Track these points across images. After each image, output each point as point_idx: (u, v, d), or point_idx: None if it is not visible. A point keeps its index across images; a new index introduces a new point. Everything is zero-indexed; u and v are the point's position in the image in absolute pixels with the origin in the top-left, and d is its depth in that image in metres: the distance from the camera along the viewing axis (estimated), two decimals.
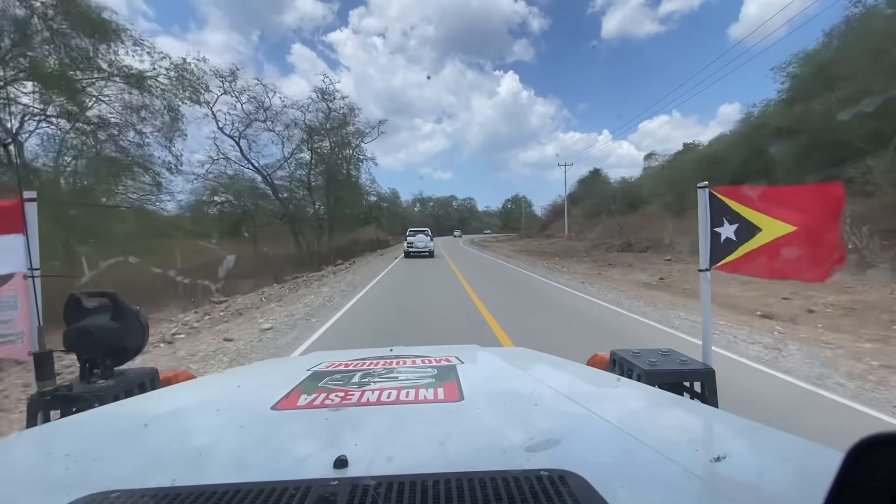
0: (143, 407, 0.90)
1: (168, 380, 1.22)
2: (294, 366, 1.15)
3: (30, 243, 1.22)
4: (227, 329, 6.74)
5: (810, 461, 0.58)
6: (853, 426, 2.95)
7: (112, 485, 0.51)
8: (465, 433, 0.67)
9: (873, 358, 4.32)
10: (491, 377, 1.11)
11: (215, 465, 0.60)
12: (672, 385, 1.11)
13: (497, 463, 0.54)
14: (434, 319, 6.83)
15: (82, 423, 0.82)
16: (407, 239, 22.75)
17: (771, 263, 1.29)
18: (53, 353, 1.11)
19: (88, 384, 1.07)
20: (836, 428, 2.89)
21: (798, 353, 4.64)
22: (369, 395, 0.81)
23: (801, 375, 3.93)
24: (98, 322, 1.09)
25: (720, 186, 1.39)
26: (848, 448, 0.26)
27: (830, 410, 3.25)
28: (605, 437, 0.65)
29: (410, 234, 22.98)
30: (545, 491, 0.46)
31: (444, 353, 1.20)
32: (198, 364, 4.84)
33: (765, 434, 0.67)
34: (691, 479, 0.51)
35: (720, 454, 0.56)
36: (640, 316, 6.84)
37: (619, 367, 1.24)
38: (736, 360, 4.43)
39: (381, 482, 0.48)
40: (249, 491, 0.48)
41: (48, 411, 1.03)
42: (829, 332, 5.47)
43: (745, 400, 3.27)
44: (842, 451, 0.26)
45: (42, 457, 0.69)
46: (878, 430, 0.25)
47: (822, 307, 6.76)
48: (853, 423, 2.99)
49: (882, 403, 3.31)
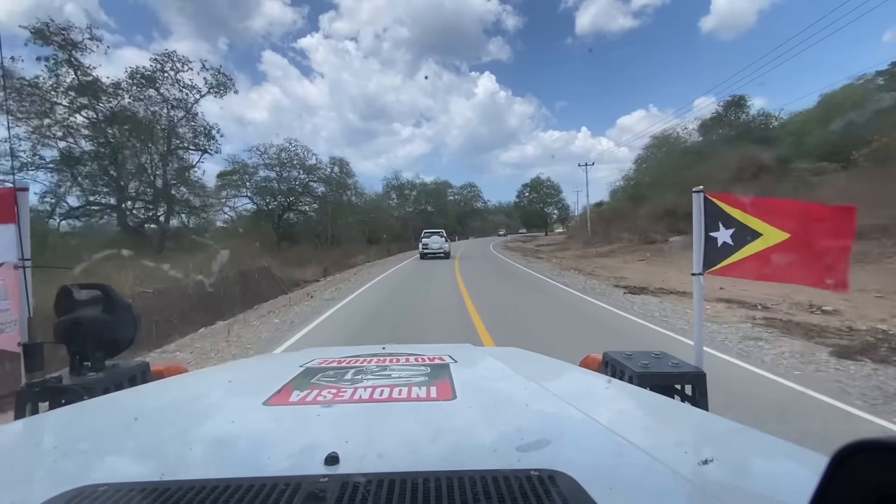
0: (133, 400, 0.90)
1: (159, 373, 1.21)
2: (286, 362, 1.15)
3: (21, 233, 1.21)
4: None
5: (796, 464, 0.59)
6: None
7: (100, 478, 0.51)
8: (456, 432, 0.67)
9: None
10: (483, 377, 1.11)
11: (205, 460, 0.59)
12: (663, 387, 1.12)
13: (488, 462, 0.54)
14: None
15: (71, 416, 0.81)
16: (422, 241, 23.04)
17: (765, 268, 1.30)
18: (44, 345, 1.10)
19: (78, 376, 1.06)
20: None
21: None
22: (361, 393, 0.81)
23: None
24: (89, 314, 1.09)
25: (716, 192, 1.40)
26: (832, 453, 0.26)
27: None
28: (595, 438, 0.65)
29: (425, 235, 23.35)
30: (535, 490, 0.46)
31: (438, 352, 1.20)
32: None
33: (753, 437, 0.67)
34: (679, 481, 0.52)
35: (708, 457, 0.57)
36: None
37: (610, 369, 1.25)
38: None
39: (372, 479, 0.48)
40: (239, 486, 0.48)
41: (37, 403, 1.02)
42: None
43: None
44: (827, 456, 0.27)
45: (30, 449, 0.68)
46: (861, 437, 0.26)
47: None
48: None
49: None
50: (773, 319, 6.06)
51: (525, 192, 76.77)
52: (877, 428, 2.96)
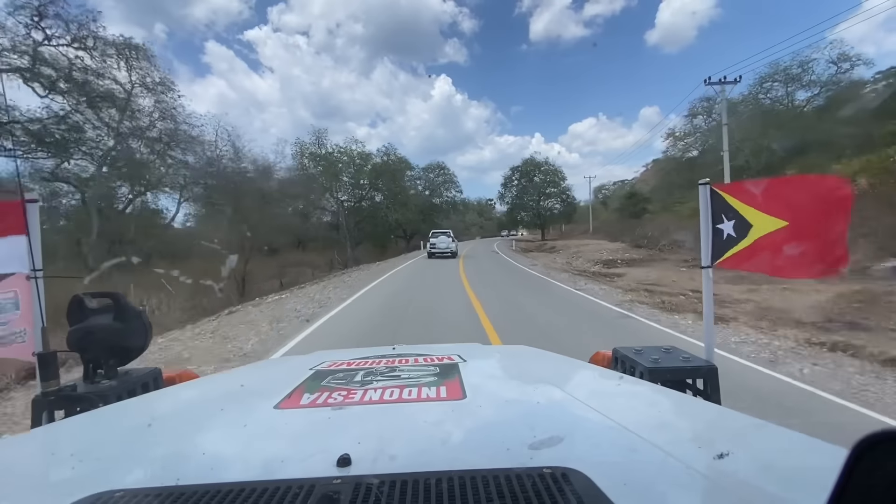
0: (146, 406, 0.91)
1: (171, 379, 1.23)
2: (297, 365, 1.16)
3: (32, 244, 1.22)
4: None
5: (814, 458, 0.58)
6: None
7: (116, 484, 0.51)
8: (467, 431, 0.67)
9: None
10: (493, 375, 1.11)
11: (219, 465, 0.60)
12: (675, 382, 1.11)
13: (500, 461, 0.54)
14: None
15: (86, 423, 0.82)
16: (430, 241, 23.26)
17: (772, 260, 1.29)
18: (57, 354, 1.11)
19: (92, 384, 1.07)
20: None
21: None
22: (372, 394, 0.81)
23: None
24: (101, 322, 1.10)
25: (722, 183, 1.38)
26: (852, 445, 0.26)
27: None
28: (608, 434, 0.65)
29: (433, 235, 23.57)
30: (548, 489, 0.46)
31: (447, 352, 1.20)
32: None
33: (768, 431, 0.67)
34: (694, 477, 0.51)
35: (723, 451, 0.56)
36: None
37: (621, 365, 1.24)
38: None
39: (385, 480, 0.49)
40: (253, 490, 0.48)
41: (52, 411, 1.04)
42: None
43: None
44: (846, 448, 0.26)
45: (47, 457, 0.69)
46: (881, 428, 0.25)
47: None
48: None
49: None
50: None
51: (514, 178, 52.67)
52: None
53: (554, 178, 51.59)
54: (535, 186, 51.36)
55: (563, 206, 51.84)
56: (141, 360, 1.24)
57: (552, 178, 51.52)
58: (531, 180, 51.61)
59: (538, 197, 51.45)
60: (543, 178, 51.42)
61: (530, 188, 51.63)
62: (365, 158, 35.76)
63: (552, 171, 51.73)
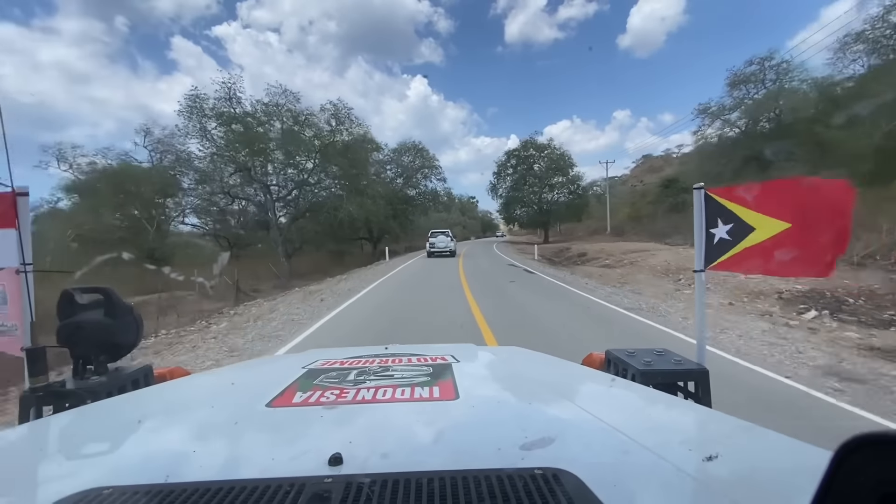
0: (136, 403, 0.90)
1: (162, 376, 1.22)
2: (289, 363, 1.15)
3: (22, 237, 1.21)
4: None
5: (800, 460, 0.59)
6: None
7: (105, 481, 0.51)
8: (460, 431, 0.67)
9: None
10: (486, 376, 1.11)
11: (209, 462, 0.60)
12: (666, 385, 1.12)
13: (492, 461, 0.54)
14: None
15: (75, 419, 0.81)
16: (429, 240, 23.35)
17: (768, 261, 1.30)
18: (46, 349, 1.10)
19: (81, 380, 1.06)
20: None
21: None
22: (364, 393, 0.81)
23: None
24: (92, 318, 1.09)
25: (716, 187, 1.40)
26: (835, 448, 0.26)
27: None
28: (599, 436, 0.65)
29: (432, 235, 23.70)
30: (539, 489, 0.47)
31: (440, 352, 1.20)
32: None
33: (756, 434, 0.67)
34: (684, 479, 0.52)
35: (712, 453, 0.57)
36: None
37: (613, 367, 1.25)
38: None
39: (376, 480, 0.49)
40: (244, 488, 0.48)
41: (40, 407, 1.03)
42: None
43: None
44: (830, 451, 0.27)
45: (35, 453, 0.68)
46: (864, 431, 0.26)
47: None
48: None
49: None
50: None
51: (509, 165, 41.12)
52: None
53: (559, 164, 39.42)
54: (537, 175, 39.65)
55: (572, 199, 39.43)
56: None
57: (557, 164, 39.40)
58: (530, 168, 40.19)
59: (541, 188, 39.44)
60: (547, 165, 39.60)
61: (530, 177, 39.89)
62: (304, 124, 22.37)
63: (558, 157, 39.55)
